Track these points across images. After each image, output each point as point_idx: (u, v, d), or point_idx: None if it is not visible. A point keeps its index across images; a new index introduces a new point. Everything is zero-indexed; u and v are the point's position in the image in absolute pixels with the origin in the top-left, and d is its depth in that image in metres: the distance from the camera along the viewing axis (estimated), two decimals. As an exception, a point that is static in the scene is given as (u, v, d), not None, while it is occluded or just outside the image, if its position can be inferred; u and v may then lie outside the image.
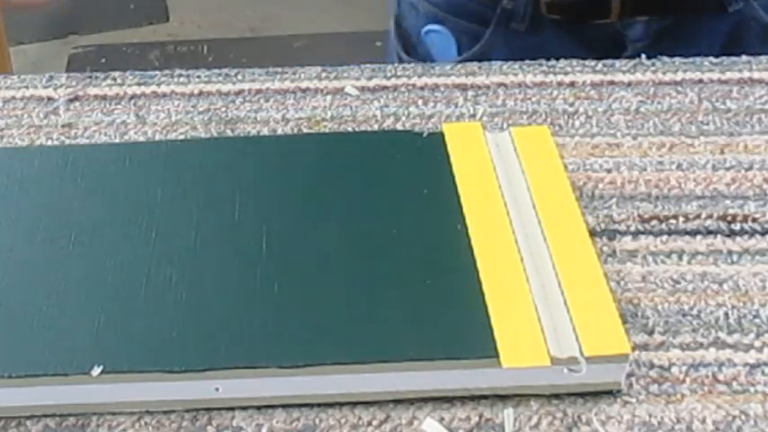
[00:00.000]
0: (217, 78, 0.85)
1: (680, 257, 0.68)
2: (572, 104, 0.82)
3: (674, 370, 0.61)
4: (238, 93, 0.84)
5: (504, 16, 0.92)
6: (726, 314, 0.65)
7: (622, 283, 0.66)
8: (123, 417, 0.58)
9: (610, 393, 0.59)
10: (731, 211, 0.71)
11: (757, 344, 0.63)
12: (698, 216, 0.71)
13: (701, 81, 0.83)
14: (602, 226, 0.70)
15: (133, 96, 0.83)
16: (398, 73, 0.86)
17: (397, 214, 0.68)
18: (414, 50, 0.99)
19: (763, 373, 0.61)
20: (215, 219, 0.68)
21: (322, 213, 0.68)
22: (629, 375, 0.60)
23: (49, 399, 0.58)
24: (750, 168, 0.75)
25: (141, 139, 0.79)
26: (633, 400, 0.59)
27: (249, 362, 0.58)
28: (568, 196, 0.68)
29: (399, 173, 0.70)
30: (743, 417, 0.58)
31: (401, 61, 0.98)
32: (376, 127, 0.80)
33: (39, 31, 2.68)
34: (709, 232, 0.70)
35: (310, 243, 0.66)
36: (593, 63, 0.87)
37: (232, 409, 0.59)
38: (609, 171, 0.74)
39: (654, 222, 0.71)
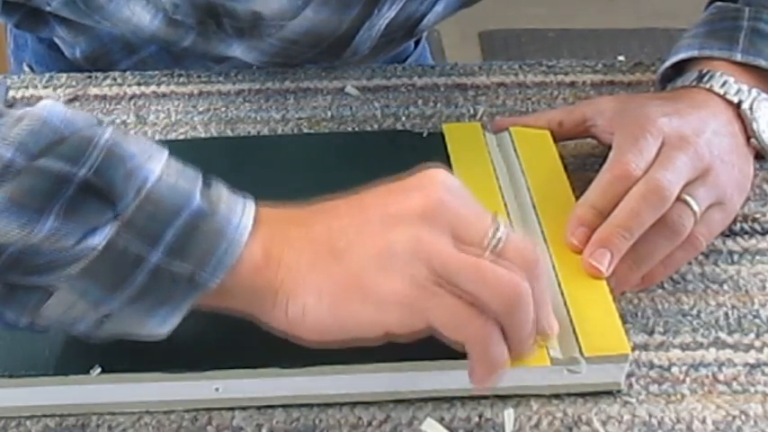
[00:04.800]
0: (217, 78, 0.85)
1: (680, 257, 0.68)
2: (572, 104, 0.82)
3: (674, 370, 0.61)
4: (238, 93, 0.84)
5: None
6: (726, 314, 0.65)
7: (622, 283, 0.66)
8: (123, 417, 0.58)
9: (610, 393, 0.59)
10: (731, 212, 0.71)
11: (757, 344, 0.63)
12: (698, 216, 0.71)
13: (701, 81, 0.83)
14: (603, 226, 0.70)
15: (133, 96, 0.83)
16: (398, 73, 0.86)
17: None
18: None
19: (763, 373, 0.61)
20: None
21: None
22: (629, 375, 0.60)
23: (49, 399, 0.58)
24: (750, 168, 0.75)
25: (141, 139, 0.78)
26: (633, 400, 0.59)
27: (249, 362, 0.58)
28: (568, 196, 0.68)
29: (399, 173, 0.70)
30: (743, 417, 0.58)
31: None
32: (376, 127, 0.80)
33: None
34: (710, 232, 0.70)
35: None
36: (592, 63, 0.87)
37: (232, 409, 0.59)
38: (609, 171, 0.74)
39: (654, 222, 0.71)
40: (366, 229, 0.54)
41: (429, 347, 0.58)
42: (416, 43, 1.07)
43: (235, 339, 0.59)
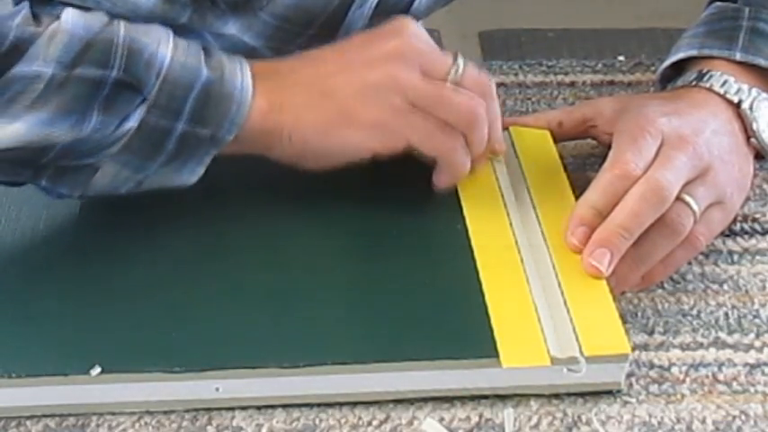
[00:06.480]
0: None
1: (680, 257, 0.68)
2: (572, 104, 0.82)
3: (674, 370, 0.61)
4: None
5: None
6: (726, 314, 0.65)
7: (622, 282, 0.66)
8: (123, 417, 0.58)
9: (610, 393, 0.59)
10: (731, 211, 0.71)
11: (757, 344, 0.63)
12: (698, 216, 0.71)
13: (700, 81, 0.83)
14: (602, 226, 0.70)
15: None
16: (398, 73, 0.86)
17: (396, 214, 0.68)
18: None
19: (763, 373, 0.61)
20: (216, 219, 0.68)
21: (321, 214, 0.68)
22: (629, 375, 0.60)
23: (49, 399, 0.58)
24: (750, 168, 0.74)
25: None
26: (633, 400, 0.59)
27: (249, 362, 0.58)
28: (568, 196, 0.68)
29: (400, 171, 0.70)
30: (743, 417, 0.58)
31: None
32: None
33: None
34: (710, 232, 0.70)
35: (310, 243, 0.66)
36: (592, 63, 0.87)
37: (232, 409, 0.59)
38: (609, 171, 0.74)
39: (654, 222, 0.70)
40: (349, 69, 0.65)
41: (430, 347, 0.58)
42: None
43: (235, 339, 0.59)
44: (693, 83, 0.72)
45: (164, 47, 0.63)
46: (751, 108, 0.71)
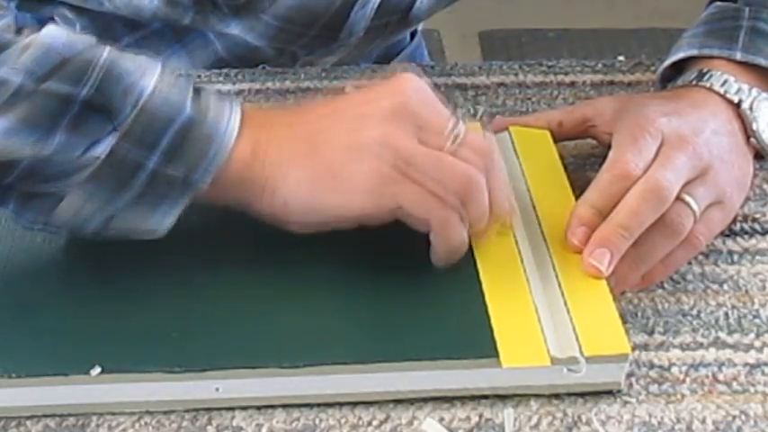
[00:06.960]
0: (217, 78, 0.85)
1: (680, 257, 0.68)
2: (572, 104, 0.82)
3: (674, 370, 0.61)
4: (238, 93, 0.84)
5: None
6: (726, 314, 0.65)
7: (622, 282, 0.66)
8: (123, 417, 0.58)
9: (610, 393, 0.59)
10: (731, 211, 0.71)
11: (757, 344, 0.63)
12: (698, 216, 0.71)
13: (700, 81, 0.83)
14: (602, 226, 0.70)
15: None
16: (398, 73, 0.86)
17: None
18: None
19: (763, 373, 0.61)
20: (215, 218, 0.68)
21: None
22: (629, 375, 0.60)
23: (49, 399, 0.58)
24: (750, 168, 0.74)
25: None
26: (633, 400, 0.59)
27: (249, 362, 0.58)
28: (568, 196, 0.68)
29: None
30: (743, 417, 0.58)
31: None
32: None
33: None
34: (710, 232, 0.70)
35: (310, 243, 0.66)
36: (592, 63, 0.87)
37: (232, 409, 0.59)
38: (609, 171, 0.74)
39: (654, 222, 0.70)
40: (340, 127, 0.62)
41: (430, 347, 0.58)
42: (412, 36, 1.07)
43: (235, 339, 0.59)
44: (693, 82, 0.72)
45: (148, 77, 0.60)
46: (751, 108, 0.71)
